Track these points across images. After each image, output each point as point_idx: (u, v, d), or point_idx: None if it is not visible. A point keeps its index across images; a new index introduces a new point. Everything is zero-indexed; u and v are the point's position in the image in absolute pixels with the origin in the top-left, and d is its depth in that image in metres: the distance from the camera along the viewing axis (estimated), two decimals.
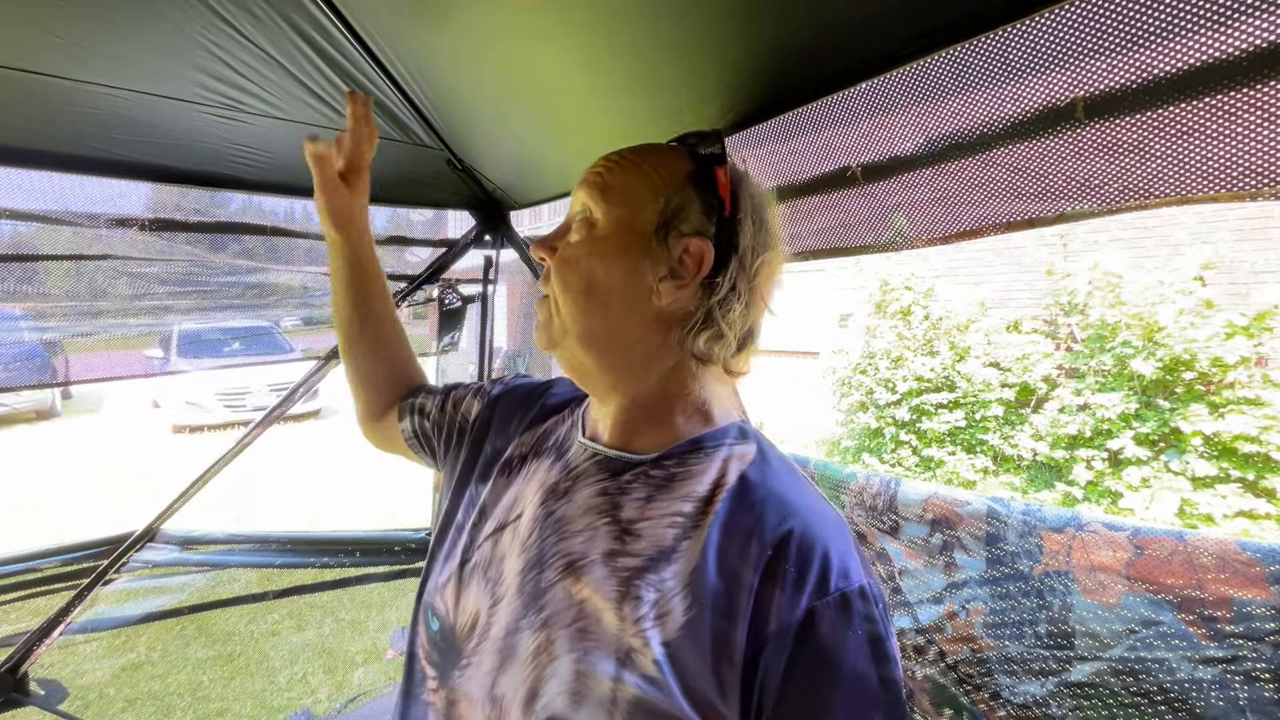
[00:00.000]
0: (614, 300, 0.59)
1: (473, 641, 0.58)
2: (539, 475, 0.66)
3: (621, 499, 0.57)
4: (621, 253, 0.59)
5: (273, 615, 3.52)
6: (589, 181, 0.62)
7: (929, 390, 6.15)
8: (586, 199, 0.61)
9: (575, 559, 0.56)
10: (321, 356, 1.82)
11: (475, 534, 0.66)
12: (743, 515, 0.52)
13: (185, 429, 8.61)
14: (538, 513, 0.62)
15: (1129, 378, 5.08)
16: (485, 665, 0.56)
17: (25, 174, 1.11)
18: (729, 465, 0.56)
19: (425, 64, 1.03)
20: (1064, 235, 5.78)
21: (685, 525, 0.53)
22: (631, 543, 0.54)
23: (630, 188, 0.60)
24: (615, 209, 0.59)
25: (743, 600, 0.48)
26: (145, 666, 3.02)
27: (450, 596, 0.63)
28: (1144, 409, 4.98)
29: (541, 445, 0.71)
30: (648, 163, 0.61)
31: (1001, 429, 5.80)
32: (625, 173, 0.61)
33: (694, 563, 0.51)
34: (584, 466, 0.62)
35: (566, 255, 0.61)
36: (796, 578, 0.47)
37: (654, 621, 0.50)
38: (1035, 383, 5.72)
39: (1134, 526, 0.82)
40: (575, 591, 0.54)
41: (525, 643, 0.54)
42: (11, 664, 1.57)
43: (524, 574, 0.58)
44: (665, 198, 0.59)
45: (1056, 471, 5.39)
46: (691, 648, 0.48)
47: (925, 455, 6.01)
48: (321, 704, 2.73)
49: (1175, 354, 4.79)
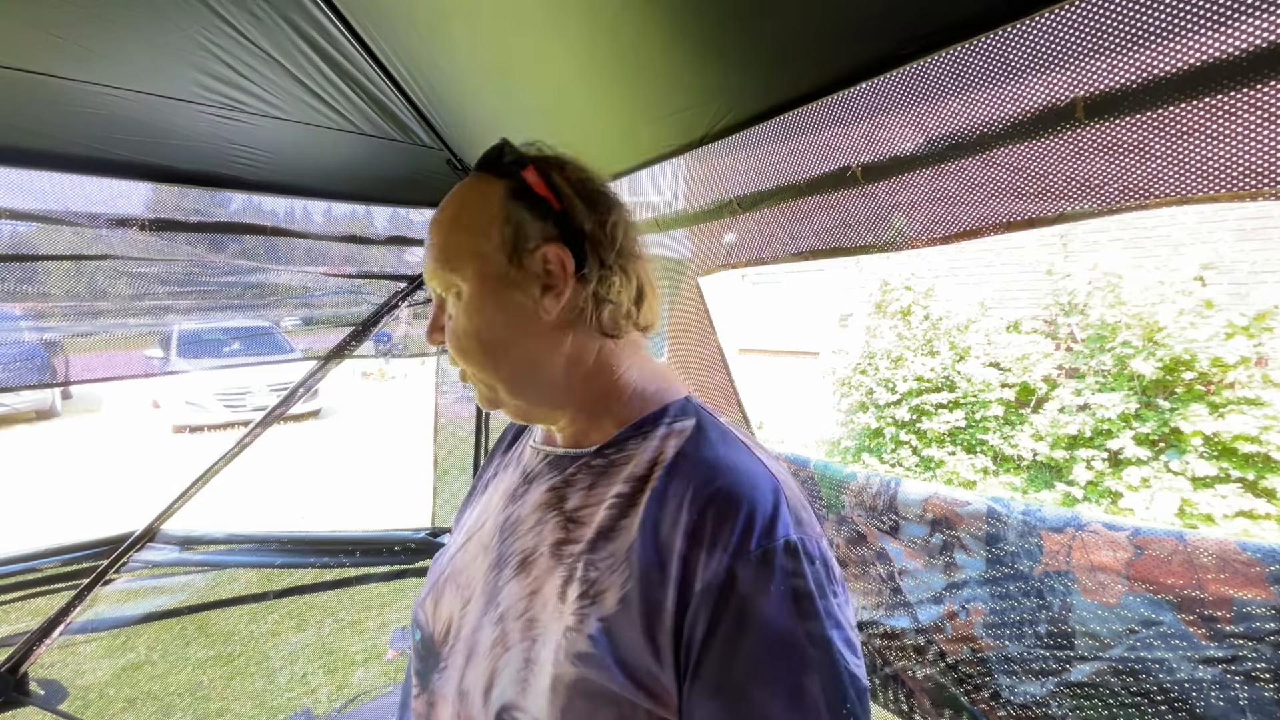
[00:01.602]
0: (513, 343, 0.60)
1: (448, 645, 0.62)
2: (503, 485, 0.70)
3: (567, 491, 0.60)
4: (494, 299, 0.59)
5: (273, 615, 3.51)
6: (432, 258, 0.62)
7: (929, 390, 6.15)
8: (438, 275, 0.61)
9: (527, 554, 0.58)
10: (321, 356, 1.82)
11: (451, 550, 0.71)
12: (675, 487, 0.52)
13: (185, 429, 8.60)
14: (499, 518, 0.65)
15: (1129, 378, 5.08)
16: (456, 664, 0.59)
17: (25, 174, 1.11)
18: (667, 443, 0.57)
19: (425, 64, 1.03)
20: (1064, 235, 5.78)
21: (623, 505, 0.54)
22: (575, 530, 0.56)
23: (464, 241, 0.60)
24: (466, 266, 0.59)
25: (672, 567, 0.48)
26: (145, 666, 3.01)
27: (429, 607, 0.66)
28: (1144, 409, 4.98)
29: (507, 460, 0.75)
30: (465, 210, 0.62)
31: (1001, 429, 5.79)
32: (453, 232, 0.61)
33: (630, 539, 0.52)
34: (538, 469, 0.66)
35: (454, 331, 0.61)
36: (716, 536, 0.47)
37: (591, 600, 0.51)
38: (1035, 383, 5.72)
39: (1134, 526, 0.82)
40: (526, 585, 0.56)
41: (485, 637, 0.57)
42: (11, 664, 1.57)
43: (486, 575, 0.61)
44: (498, 228, 0.59)
45: (1056, 471, 5.39)
46: (627, 621, 0.49)
47: (925, 455, 6.01)
48: (321, 704, 2.73)
49: (1175, 354, 4.79)
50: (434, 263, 0.61)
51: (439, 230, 0.62)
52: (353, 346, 1.81)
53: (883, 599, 1.09)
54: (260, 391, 8.84)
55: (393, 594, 3.53)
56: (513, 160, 0.61)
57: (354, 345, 1.81)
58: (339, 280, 1.77)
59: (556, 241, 0.59)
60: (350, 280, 1.79)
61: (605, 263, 0.60)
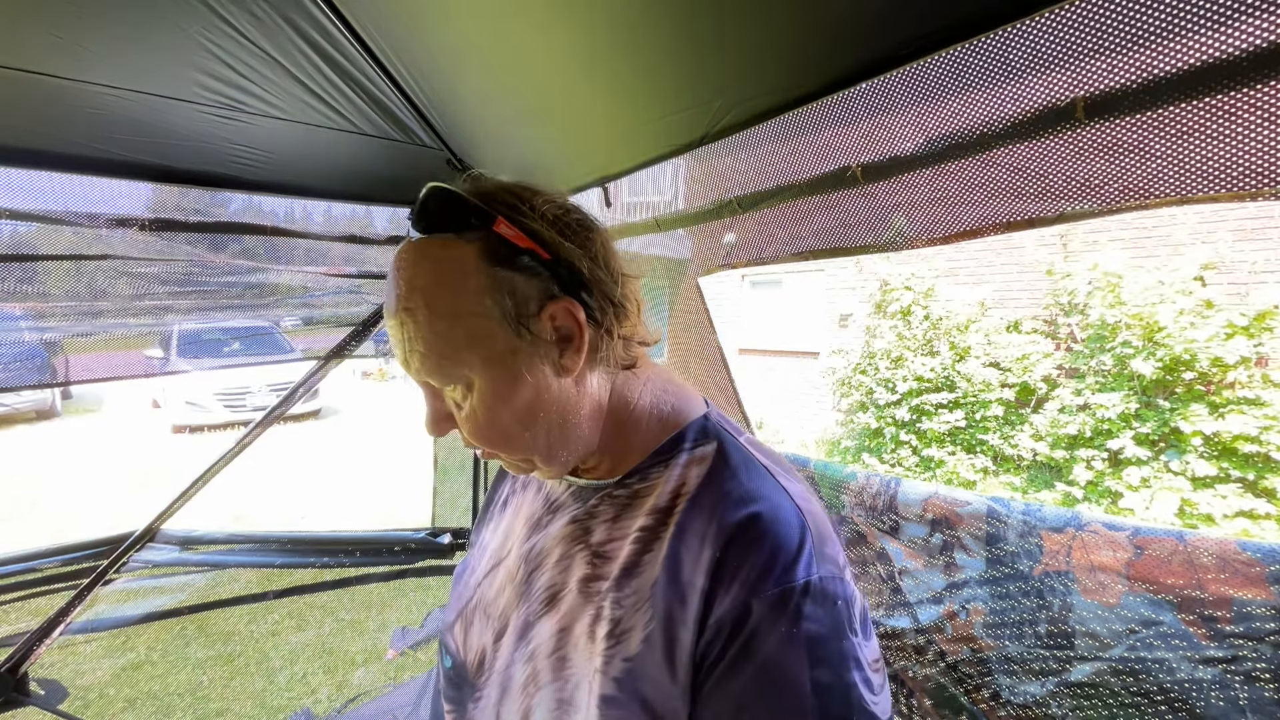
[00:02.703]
0: (539, 412, 0.54)
1: (483, 675, 0.61)
2: (524, 509, 0.69)
3: (591, 524, 0.58)
4: (511, 380, 0.52)
5: (273, 615, 3.52)
6: (418, 356, 0.52)
7: (929, 390, 6.15)
8: (434, 374, 0.53)
9: (556, 590, 0.57)
10: (321, 356, 1.82)
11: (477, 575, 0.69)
12: (698, 522, 0.51)
13: (185, 429, 8.61)
14: (523, 548, 0.64)
15: (1129, 378, 5.08)
16: (491, 697, 0.59)
17: (25, 174, 1.11)
18: (689, 472, 0.55)
19: (425, 64, 1.03)
20: (1064, 235, 5.78)
21: (646, 539, 0.53)
22: (602, 565, 0.54)
23: (455, 330, 0.51)
24: (469, 357, 0.51)
25: (694, 603, 0.48)
26: (145, 666, 3.02)
27: (459, 635, 0.66)
28: (1144, 409, 4.98)
29: (526, 479, 0.73)
30: (441, 290, 0.51)
31: (1001, 429, 5.80)
32: (436, 321, 0.51)
33: (653, 576, 0.50)
34: (562, 498, 0.64)
35: (474, 423, 0.54)
36: (736, 572, 0.47)
37: (616, 641, 0.50)
38: (1035, 383, 5.72)
39: (1134, 526, 0.82)
40: (556, 622, 0.55)
41: (518, 675, 0.56)
42: (11, 664, 1.57)
43: (518, 609, 0.60)
44: (491, 300, 0.51)
45: (1056, 471, 5.39)
46: (651, 661, 0.48)
47: (925, 455, 6.01)
48: (321, 704, 2.72)
49: (1175, 354, 4.79)
50: (423, 361, 0.52)
51: (414, 324, 0.51)
52: (353, 346, 1.81)
53: (883, 599, 1.09)
54: (260, 391, 8.84)
55: (393, 594, 3.53)
56: (474, 213, 0.52)
57: (354, 345, 1.81)
58: (339, 280, 1.77)
59: (560, 296, 0.52)
60: (350, 280, 1.79)
61: (613, 299, 0.55)
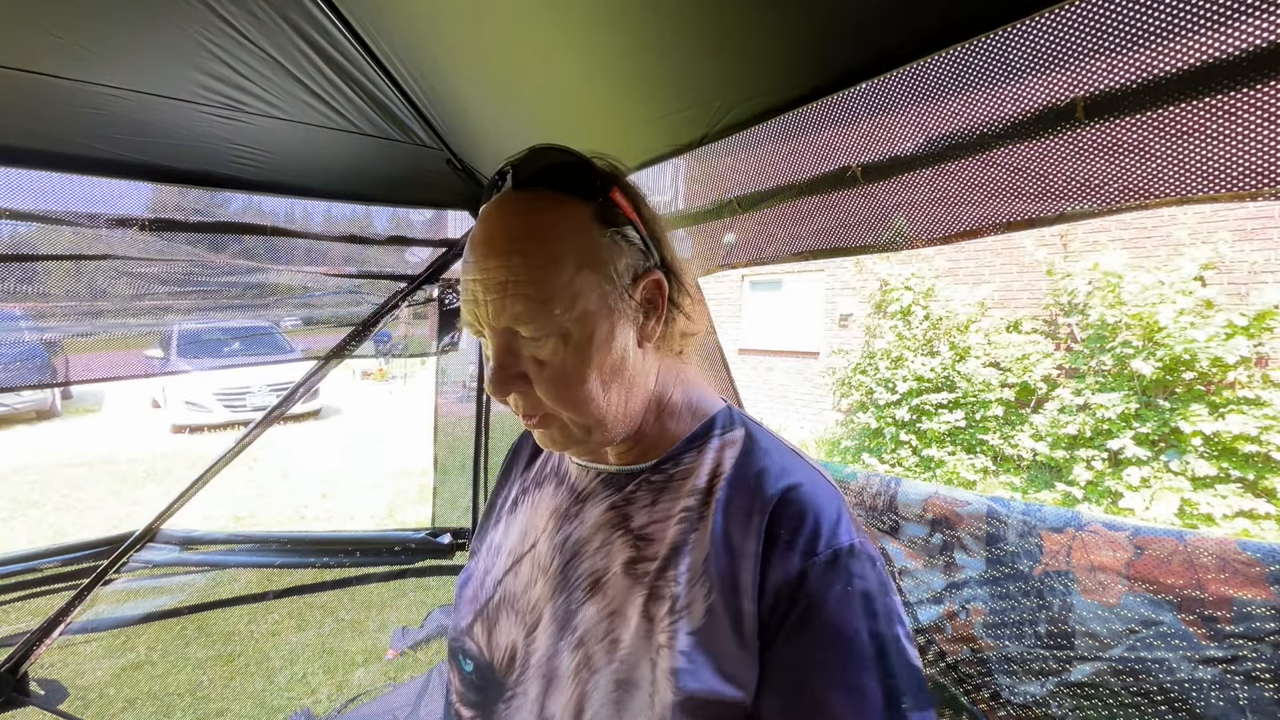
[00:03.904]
0: (617, 378, 0.56)
1: (515, 673, 0.59)
2: (545, 503, 0.68)
3: (629, 509, 0.59)
4: (606, 339, 0.54)
5: (273, 615, 3.52)
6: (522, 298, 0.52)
7: (929, 390, 6.15)
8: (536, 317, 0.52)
9: (599, 575, 0.57)
10: (321, 356, 1.82)
11: (497, 574, 0.67)
12: (741, 497, 0.55)
13: (185, 429, 8.61)
14: (555, 539, 0.63)
15: (1129, 378, 5.08)
16: (531, 692, 0.57)
17: (25, 174, 1.11)
18: (723, 454, 0.59)
19: (425, 64, 1.03)
20: (1064, 235, 5.78)
21: (691, 519, 0.55)
22: (646, 548, 0.56)
23: (566, 276, 0.52)
24: (575, 304, 0.52)
25: (750, 570, 0.51)
26: (145, 666, 3.02)
27: (480, 636, 0.64)
28: (1144, 409, 4.98)
29: (540, 475, 0.72)
30: (553, 237, 0.53)
31: (1001, 429, 5.80)
32: (548, 265, 0.52)
33: (705, 552, 0.53)
34: (590, 487, 0.64)
35: (557, 376, 0.54)
36: (790, 540, 0.51)
37: (679, 615, 0.52)
38: (1035, 383, 5.73)
39: (1134, 526, 0.82)
40: (604, 606, 0.56)
41: (565, 663, 0.55)
42: (11, 664, 1.57)
43: (553, 600, 0.59)
44: (602, 256, 0.54)
45: (1056, 471, 5.39)
46: (717, 629, 0.50)
47: (925, 455, 6.01)
48: (321, 704, 2.73)
49: (1175, 354, 4.79)
50: (525, 304, 0.52)
51: (524, 266, 0.52)
52: (353, 346, 1.81)
53: None
54: (260, 391, 8.84)
55: (393, 594, 3.52)
56: (596, 177, 0.56)
57: (354, 345, 1.81)
58: (339, 280, 1.77)
59: (653, 269, 0.57)
60: (350, 280, 1.79)
61: (683, 282, 0.59)
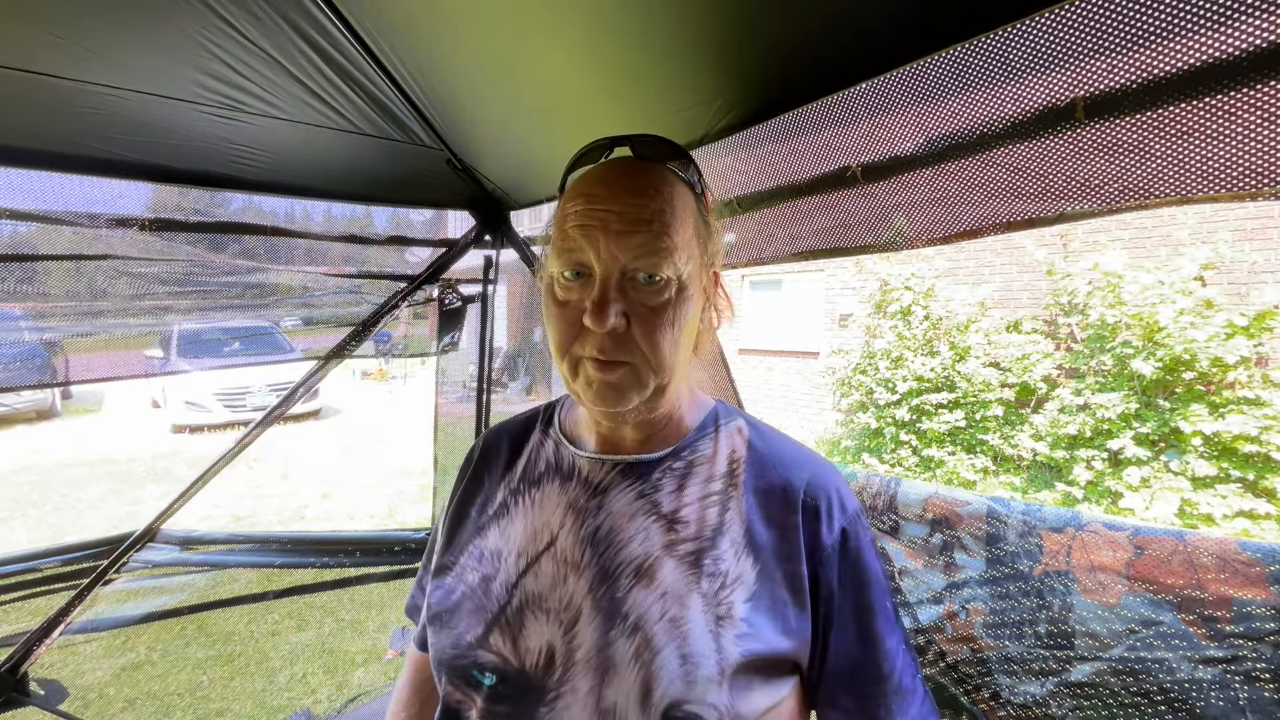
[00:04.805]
0: (688, 339, 0.62)
1: (555, 673, 0.57)
2: (553, 499, 0.66)
3: (657, 496, 0.63)
4: (696, 301, 0.61)
5: (273, 615, 3.52)
6: (657, 237, 0.57)
7: (929, 390, 6.15)
8: (666, 258, 0.57)
9: (641, 560, 0.60)
10: (321, 356, 1.82)
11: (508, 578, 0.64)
12: (765, 476, 0.63)
13: (185, 429, 8.61)
14: (580, 533, 0.62)
15: (1129, 378, 5.08)
16: (582, 688, 0.55)
17: (25, 174, 1.11)
18: (735, 441, 0.67)
19: (425, 64, 1.03)
20: (1064, 235, 5.78)
21: (722, 500, 0.62)
22: (682, 529, 0.61)
23: (688, 235, 0.60)
24: (690, 259, 0.59)
25: (795, 539, 0.60)
26: (145, 666, 3.02)
27: (503, 644, 0.60)
28: (1144, 409, 4.98)
29: (531, 474, 0.70)
30: (680, 205, 0.60)
31: (1001, 429, 5.80)
32: (679, 221, 0.59)
33: (743, 526, 0.61)
34: (608, 478, 0.65)
35: (652, 323, 0.58)
36: (827, 511, 0.61)
37: (733, 587, 0.58)
38: (1035, 383, 5.73)
39: (1134, 526, 0.82)
40: (654, 589, 0.58)
41: (622, 650, 0.55)
42: (11, 664, 1.57)
43: (593, 592, 0.59)
44: (705, 234, 0.62)
45: (1056, 471, 5.39)
46: (769, 593, 0.58)
47: (925, 455, 6.01)
48: (321, 704, 2.73)
49: (1175, 354, 4.79)
50: (659, 240, 0.57)
51: (668, 208, 0.58)
52: (353, 346, 1.81)
53: None
54: (260, 391, 8.84)
55: (393, 594, 3.53)
56: (696, 175, 0.64)
57: (354, 345, 1.81)
58: (339, 280, 1.77)
59: (717, 265, 0.65)
60: (350, 280, 1.79)
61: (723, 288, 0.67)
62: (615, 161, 0.62)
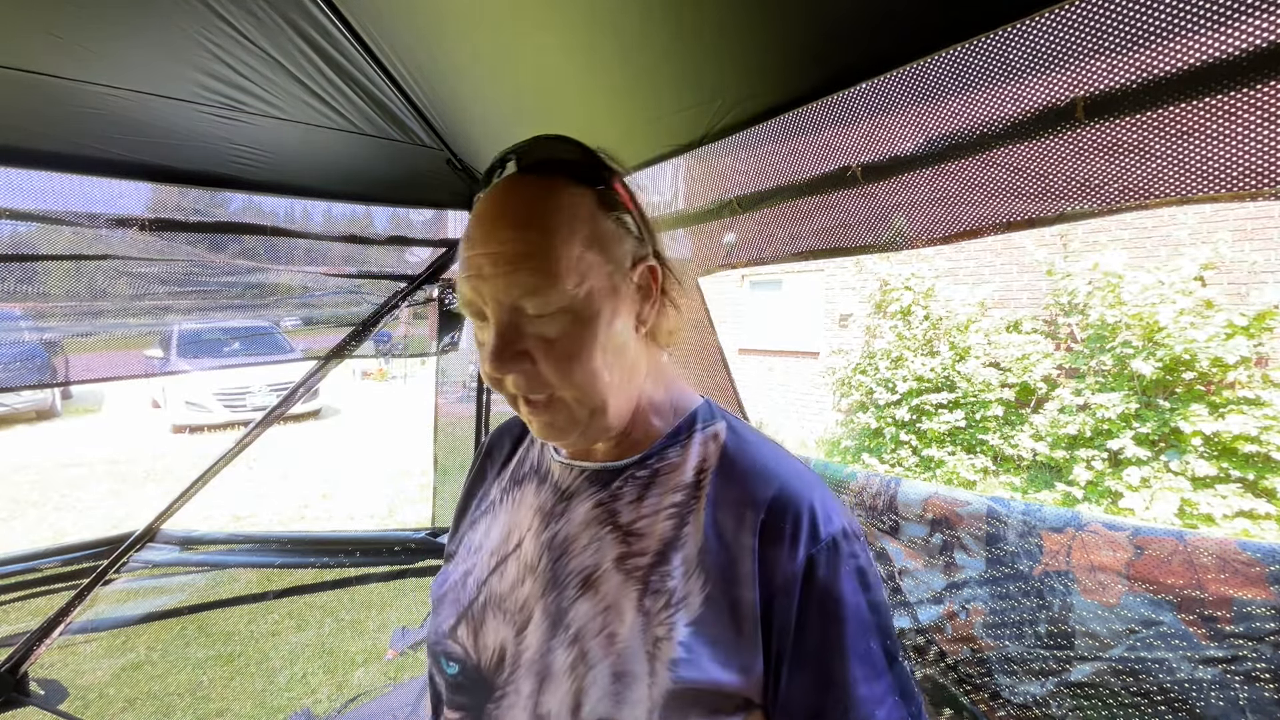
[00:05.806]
0: (619, 360, 0.57)
1: (504, 672, 0.58)
2: (527, 501, 0.67)
3: (615, 505, 0.60)
4: (610, 318, 0.56)
5: (273, 615, 3.52)
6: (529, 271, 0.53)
7: (929, 390, 6.15)
8: (541, 293, 0.53)
9: (589, 572, 0.58)
10: (321, 356, 1.82)
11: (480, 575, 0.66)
12: (730, 489, 0.57)
13: (185, 429, 8.61)
14: (542, 538, 0.63)
15: (1129, 378, 5.08)
16: (524, 690, 0.56)
17: (25, 174, 1.11)
18: (708, 449, 0.60)
19: (425, 64, 1.03)
20: (1064, 235, 5.78)
21: (681, 513, 0.57)
22: (636, 542, 0.57)
23: (572, 252, 0.54)
24: (582, 280, 0.54)
25: (748, 563, 0.53)
26: (145, 666, 3.02)
27: (466, 637, 0.62)
28: (1144, 409, 4.98)
29: (518, 474, 0.72)
30: (559, 216, 0.55)
31: (1001, 429, 5.80)
32: (556, 241, 0.53)
33: (698, 544, 0.55)
34: (575, 484, 0.64)
35: (559, 359, 0.54)
36: (792, 533, 0.53)
37: (676, 608, 0.53)
38: (1035, 383, 5.72)
39: (1134, 526, 0.82)
40: (597, 602, 0.56)
41: (560, 660, 0.55)
42: (11, 664, 1.57)
43: (544, 598, 0.59)
44: (605, 238, 0.56)
45: (1056, 471, 5.39)
46: (714, 620, 0.52)
47: (925, 455, 6.01)
48: (321, 704, 2.73)
49: (1175, 354, 4.79)
50: (532, 277, 0.53)
51: (538, 240, 0.53)
52: (353, 346, 1.81)
53: None
54: (260, 391, 8.84)
55: (393, 594, 3.53)
56: (598, 167, 0.59)
57: (354, 345, 1.81)
58: (339, 280, 1.77)
59: (648, 257, 0.60)
60: (350, 280, 1.79)
61: (673, 273, 0.62)
62: (497, 189, 0.57)
